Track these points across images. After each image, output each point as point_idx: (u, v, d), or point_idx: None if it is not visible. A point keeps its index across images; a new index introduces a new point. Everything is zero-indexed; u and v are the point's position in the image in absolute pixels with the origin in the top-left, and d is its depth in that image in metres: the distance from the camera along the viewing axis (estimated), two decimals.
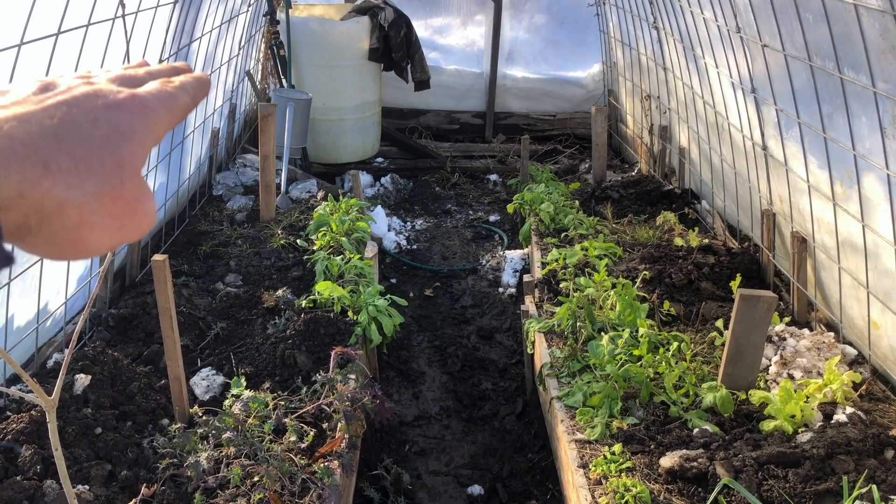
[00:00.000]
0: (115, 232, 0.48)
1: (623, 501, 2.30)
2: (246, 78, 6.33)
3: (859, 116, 2.86)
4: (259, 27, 6.57)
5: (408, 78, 6.73)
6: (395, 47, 6.45)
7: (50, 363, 3.05)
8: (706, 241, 4.23)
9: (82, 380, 2.79)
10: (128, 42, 3.39)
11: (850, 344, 3.15)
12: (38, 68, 2.58)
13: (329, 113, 6.44)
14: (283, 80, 6.34)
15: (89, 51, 2.87)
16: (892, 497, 2.11)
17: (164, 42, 3.85)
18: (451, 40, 7.61)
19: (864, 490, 2.11)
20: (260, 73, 6.95)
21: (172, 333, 2.56)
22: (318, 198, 5.21)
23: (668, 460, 2.42)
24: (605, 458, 2.50)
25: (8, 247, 0.44)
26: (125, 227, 0.49)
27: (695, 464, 2.38)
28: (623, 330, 3.14)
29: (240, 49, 5.84)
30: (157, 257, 2.45)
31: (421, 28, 7.13)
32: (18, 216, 0.44)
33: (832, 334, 3.17)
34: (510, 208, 5.33)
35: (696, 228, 4.54)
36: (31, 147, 0.44)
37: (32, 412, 2.56)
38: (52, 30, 2.59)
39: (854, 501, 2.03)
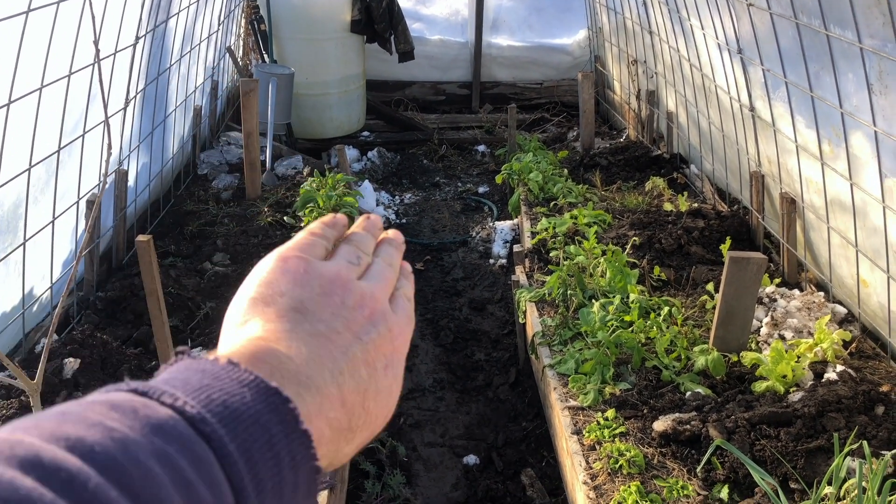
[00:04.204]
0: (367, 440, 0.53)
1: (617, 466, 2.31)
2: (227, 54, 6.23)
3: (846, 73, 2.83)
4: (238, 1, 6.44)
5: (391, 49, 6.63)
6: (378, 18, 6.35)
7: (38, 348, 3.02)
8: (695, 205, 4.22)
9: (71, 364, 2.77)
10: (95, 20, 3.31)
11: (840, 303, 3.16)
12: (9, 49, 2.51)
13: (312, 87, 6.35)
14: (265, 56, 6.24)
15: (61, 28, 2.80)
16: (883, 452, 2.12)
17: (140, 18, 3.76)
18: (434, 10, 7.50)
19: (854, 446, 2.12)
20: (241, 48, 6.84)
21: (160, 315, 2.53)
22: (305, 174, 5.15)
23: (662, 424, 2.43)
24: (599, 423, 2.51)
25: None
26: (375, 432, 0.53)
27: (688, 426, 2.39)
28: (614, 296, 3.14)
29: (219, 25, 5.73)
30: (141, 238, 2.41)
31: None
32: None
33: (822, 294, 3.18)
34: (499, 179, 5.29)
35: (686, 193, 4.52)
36: (349, 417, 0.47)
37: (21, 398, 2.54)
38: (21, 8, 2.52)
39: (845, 458, 2.04)
